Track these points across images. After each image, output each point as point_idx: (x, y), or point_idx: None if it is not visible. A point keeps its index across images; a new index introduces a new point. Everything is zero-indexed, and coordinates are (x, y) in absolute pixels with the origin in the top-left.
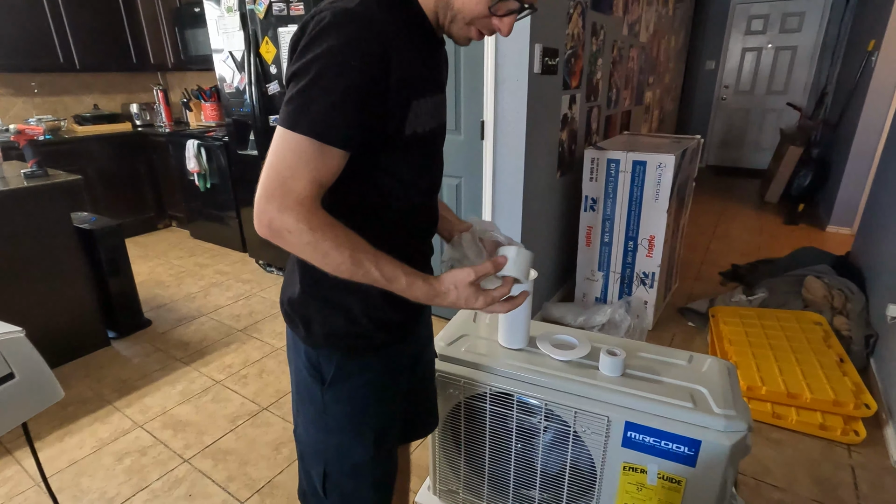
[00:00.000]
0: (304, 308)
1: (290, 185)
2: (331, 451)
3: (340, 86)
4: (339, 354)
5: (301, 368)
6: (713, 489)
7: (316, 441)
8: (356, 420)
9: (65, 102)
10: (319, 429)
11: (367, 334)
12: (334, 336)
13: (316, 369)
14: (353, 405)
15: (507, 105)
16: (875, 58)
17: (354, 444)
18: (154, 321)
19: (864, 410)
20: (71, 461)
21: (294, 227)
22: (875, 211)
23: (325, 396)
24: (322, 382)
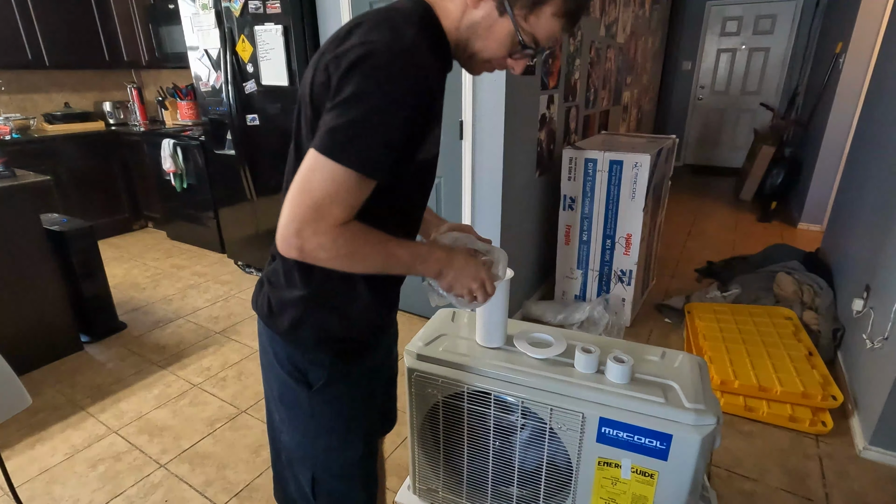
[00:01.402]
0: (296, 311)
1: (327, 212)
2: (319, 455)
3: (395, 125)
4: (330, 357)
5: (283, 374)
6: (685, 481)
7: (303, 446)
8: (347, 421)
9: (34, 100)
10: (306, 434)
11: (359, 338)
12: (327, 340)
13: (301, 373)
14: (343, 407)
15: (486, 105)
16: (843, 60)
17: (345, 444)
18: (129, 324)
19: (831, 402)
20: (42, 469)
21: (331, 246)
22: (842, 208)
23: (311, 401)
24: (308, 386)
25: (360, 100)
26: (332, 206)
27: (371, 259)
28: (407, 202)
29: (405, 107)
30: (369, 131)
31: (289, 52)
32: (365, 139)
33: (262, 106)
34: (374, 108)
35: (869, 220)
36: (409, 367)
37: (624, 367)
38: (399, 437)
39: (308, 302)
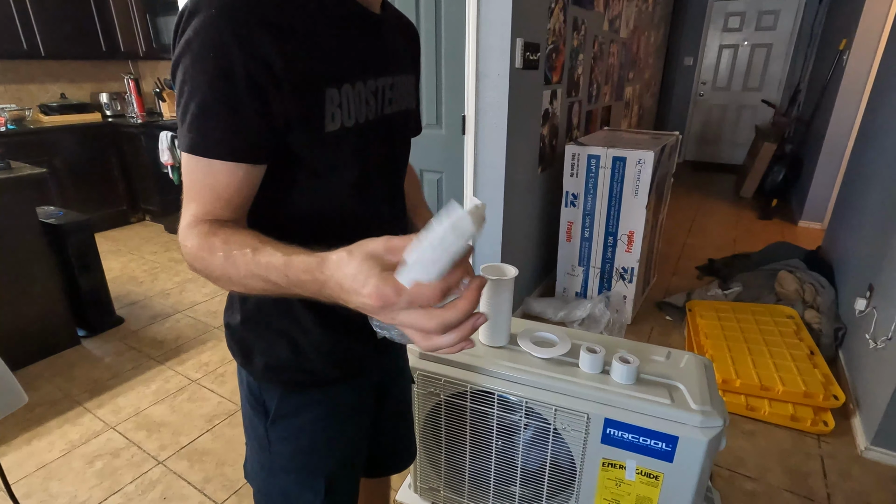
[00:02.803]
0: (244, 335)
1: (188, 208)
2: (276, 494)
3: (201, 88)
4: (281, 388)
5: (244, 400)
6: (690, 483)
7: (261, 480)
8: (303, 462)
9: (29, 91)
10: (264, 467)
11: (312, 369)
12: (276, 368)
13: (259, 402)
14: (298, 444)
15: (489, 100)
16: (846, 56)
17: (302, 489)
18: (127, 319)
19: (832, 402)
20: (39, 465)
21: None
22: (844, 206)
23: (269, 434)
24: (266, 417)
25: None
26: (190, 200)
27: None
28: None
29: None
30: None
31: None
32: (187, 116)
33: None
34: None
35: (872, 219)
36: (411, 365)
37: (630, 368)
38: None
39: (249, 325)
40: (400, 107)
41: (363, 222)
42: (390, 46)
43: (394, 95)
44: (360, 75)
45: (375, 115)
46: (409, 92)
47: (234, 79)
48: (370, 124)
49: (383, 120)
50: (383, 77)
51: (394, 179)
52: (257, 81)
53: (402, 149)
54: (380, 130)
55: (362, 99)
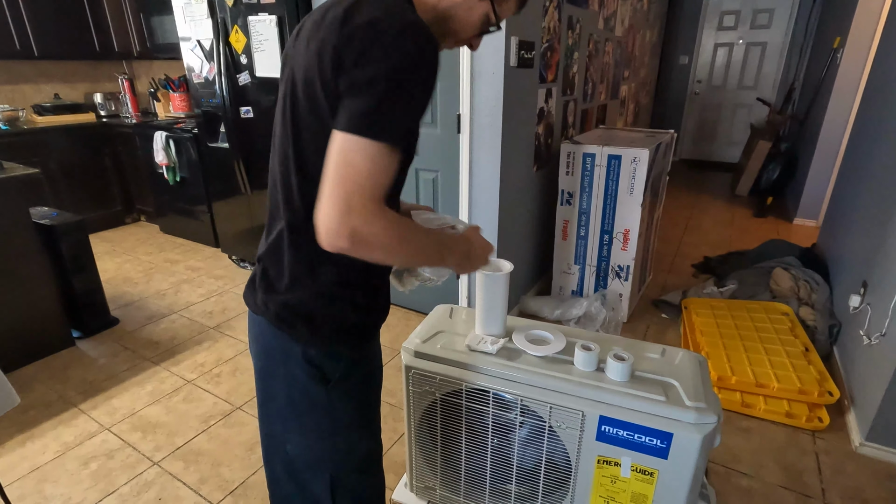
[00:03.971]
0: (307, 308)
1: (371, 193)
2: (339, 454)
3: (417, 96)
4: (347, 348)
5: (297, 375)
6: (685, 480)
7: (317, 449)
8: (363, 412)
9: (23, 91)
10: (324, 434)
11: (371, 322)
12: (344, 331)
13: (319, 370)
14: (360, 398)
15: (484, 98)
16: (840, 54)
17: (364, 436)
18: (122, 320)
19: (827, 398)
20: (33, 467)
21: (382, 230)
22: (838, 204)
23: (329, 396)
24: (325, 383)
25: (382, 77)
26: (376, 187)
27: (415, 243)
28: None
29: (421, 78)
30: (397, 106)
31: (283, 43)
32: (394, 114)
33: (257, 98)
34: (399, 83)
35: (866, 216)
36: (406, 364)
37: (624, 365)
38: (396, 433)
39: (318, 297)
40: None
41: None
42: None
43: None
44: None
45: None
46: None
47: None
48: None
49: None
50: None
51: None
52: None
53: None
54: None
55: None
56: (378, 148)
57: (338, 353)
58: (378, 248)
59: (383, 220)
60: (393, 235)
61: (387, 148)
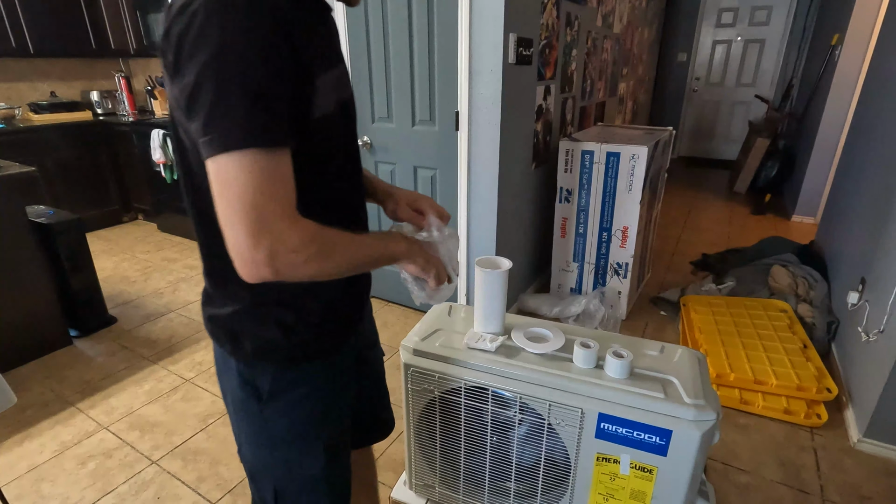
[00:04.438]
0: (232, 323)
1: (270, 208)
2: (280, 468)
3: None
4: (274, 367)
5: (235, 386)
6: (684, 476)
7: (263, 459)
8: (303, 432)
9: (19, 89)
10: (263, 446)
11: (304, 343)
12: (267, 349)
13: (250, 385)
14: (297, 416)
15: (482, 96)
16: (838, 51)
17: (305, 456)
18: (119, 318)
19: (825, 394)
20: (30, 466)
21: (300, 245)
22: (837, 201)
23: (264, 412)
24: (259, 398)
25: (205, 76)
26: (271, 200)
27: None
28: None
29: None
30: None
31: None
32: (240, 108)
33: None
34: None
35: (864, 213)
36: (405, 362)
37: (623, 362)
38: (395, 432)
39: (241, 313)
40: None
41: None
42: (335, 35)
43: (344, 83)
44: (331, 63)
45: (341, 101)
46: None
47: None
48: (339, 110)
49: (346, 105)
50: (341, 64)
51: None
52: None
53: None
54: (346, 114)
55: (333, 85)
56: (248, 158)
57: (264, 370)
58: (303, 267)
59: (299, 236)
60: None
61: (256, 153)
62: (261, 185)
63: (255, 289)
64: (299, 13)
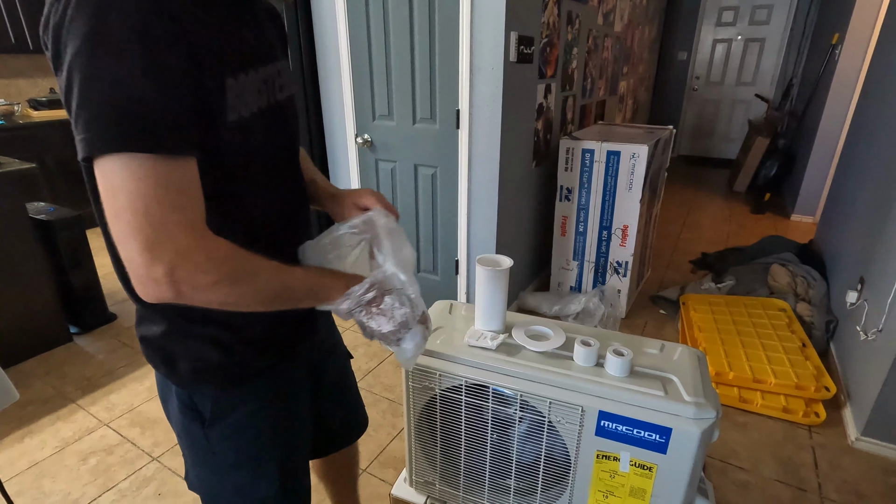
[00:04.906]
0: (165, 344)
1: (171, 219)
2: (229, 494)
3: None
4: (213, 389)
5: (176, 411)
6: (683, 474)
7: (210, 484)
8: (253, 454)
9: (18, 85)
10: (211, 471)
11: (245, 363)
12: (206, 371)
13: (191, 409)
14: (244, 439)
15: (483, 94)
16: (839, 51)
17: (257, 480)
18: (120, 315)
19: (824, 393)
20: (31, 462)
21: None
22: (836, 201)
23: (209, 437)
24: (202, 422)
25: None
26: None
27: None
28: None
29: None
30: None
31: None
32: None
33: None
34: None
35: (863, 212)
36: None
37: (623, 360)
38: (395, 429)
39: (171, 335)
40: (287, 92)
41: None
42: (266, 33)
43: (282, 82)
44: (251, 64)
45: (268, 103)
46: (290, 78)
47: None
48: (264, 113)
49: (276, 107)
50: (269, 65)
51: (293, 161)
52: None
53: (295, 135)
54: (277, 116)
55: (255, 88)
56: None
57: (205, 393)
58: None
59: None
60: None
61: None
62: (155, 194)
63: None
64: (197, 8)
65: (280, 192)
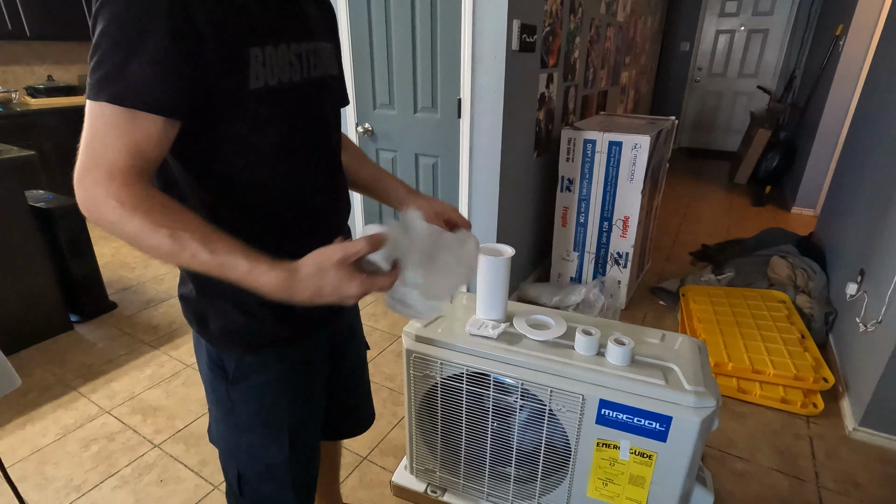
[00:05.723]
0: (197, 304)
1: (103, 158)
2: (243, 452)
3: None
4: (238, 351)
5: (204, 365)
6: (683, 462)
7: (227, 440)
8: (266, 418)
9: (15, 73)
10: (229, 428)
11: (267, 329)
12: (232, 332)
13: (219, 366)
14: (261, 403)
15: (485, 83)
16: (842, 42)
17: (267, 443)
18: (120, 304)
19: (822, 384)
20: (34, 449)
21: (104, 201)
22: (837, 193)
23: (230, 394)
24: (226, 379)
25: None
26: (107, 150)
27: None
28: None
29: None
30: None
31: None
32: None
33: None
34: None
35: (864, 205)
36: (407, 348)
37: (625, 350)
38: (395, 417)
39: (203, 295)
40: (323, 72)
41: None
42: (307, 13)
43: (317, 60)
44: (283, 38)
45: (301, 77)
46: (330, 59)
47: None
48: (295, 85)
49: (311, 82)
50: (305, 42)
51: (325, 146)
52: (181, 32)
53: (333, 114)
54: (308, 92)
55: (286, 60)
56: (104, 109)
57: (229, 353)
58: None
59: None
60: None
61: (116, 109)
62: (105, 137)
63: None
64: None
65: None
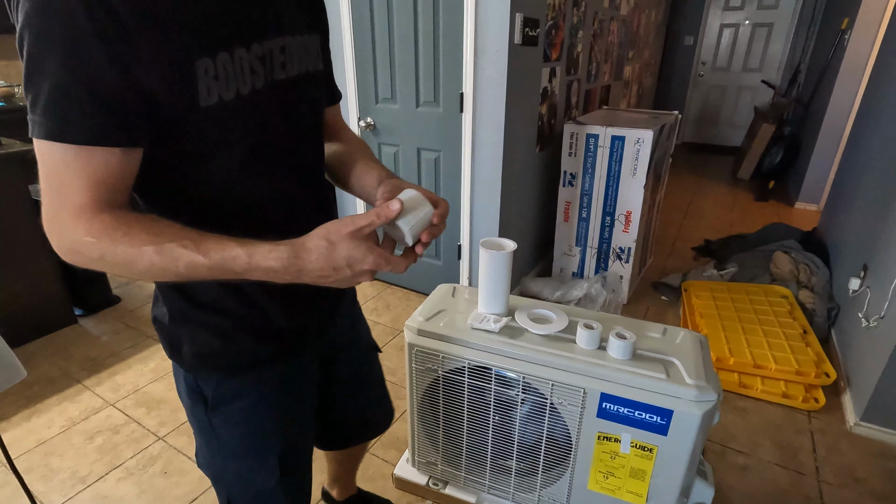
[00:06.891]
0: (170, 329)
1: (66, 199)
2: (230, 478)
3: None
4: (217, 375)
5: (183, 391)
6: (683, 456)
7: (215, 468)
8: (253, 444)
9: (18, 67)
10: (214, 454)
11: (244, 351)
12: (207, 357)
13: (197, 392)
14: (245, 429)
15: (487, 77)
16: (848, 36)
17: (255, 469)
18: (123, 298)
19: (824, 379)
20: (39, 441)
21: (79, 243)
22: (840, 189)
23: (212, 421)
24: (206, 405)
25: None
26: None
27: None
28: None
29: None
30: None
31: None
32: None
33: None
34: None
35: (868, 200)
36: (409, 342)
37: (626, 344)
38: (397, 411)
39: (173, 321)
40: (297, 70)
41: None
42: (276, 4)
43: (286, 59)
44: (240, 40)
45: (266, 82)
46: (308, 54)
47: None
48: (258, 94)
49: (278, 85)
50: (270, 40)
51: (300, 153)
52: (115, 53)
53: (307, 117)
54: (275, 98)
55: (245, 67)
56: (52, 148)
57: (208, 378)
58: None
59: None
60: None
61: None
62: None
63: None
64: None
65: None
